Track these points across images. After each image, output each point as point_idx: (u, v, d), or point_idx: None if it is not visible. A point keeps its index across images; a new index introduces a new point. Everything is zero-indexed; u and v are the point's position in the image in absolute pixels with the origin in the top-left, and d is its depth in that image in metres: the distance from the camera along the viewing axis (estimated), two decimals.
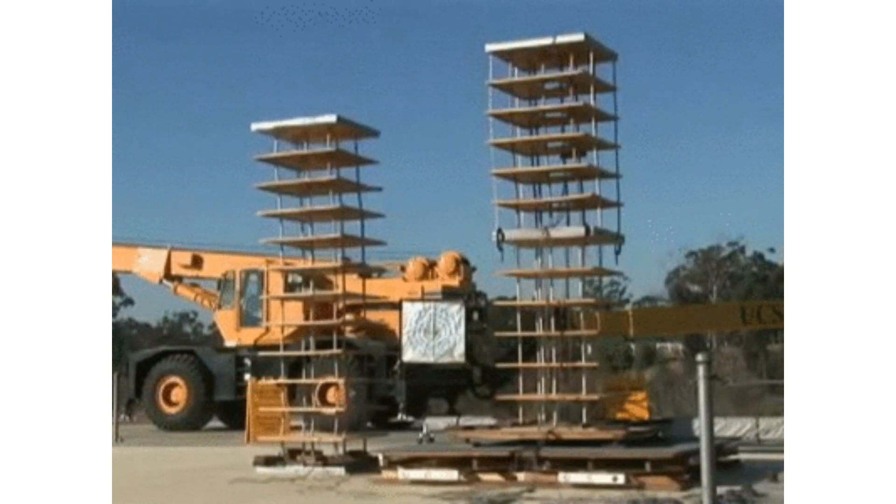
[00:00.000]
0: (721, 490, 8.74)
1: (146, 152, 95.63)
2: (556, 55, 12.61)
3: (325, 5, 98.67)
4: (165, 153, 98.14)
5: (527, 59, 12.81)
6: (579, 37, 12.27)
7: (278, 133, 14.07)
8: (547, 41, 12.41)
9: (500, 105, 12.88)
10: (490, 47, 12.64)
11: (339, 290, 14.65)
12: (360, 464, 13.58)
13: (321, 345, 14.51)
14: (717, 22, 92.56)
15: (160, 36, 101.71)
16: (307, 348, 14.62)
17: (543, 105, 12.90)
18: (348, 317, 23.43)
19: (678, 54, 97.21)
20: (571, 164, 12.75)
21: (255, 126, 14.03)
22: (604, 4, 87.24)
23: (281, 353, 14.89)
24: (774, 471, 11.48)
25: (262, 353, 21.64)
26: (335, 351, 14.15)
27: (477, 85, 12.84)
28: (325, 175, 13.95)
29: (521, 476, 11.65)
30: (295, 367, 16.35)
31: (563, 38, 12.35)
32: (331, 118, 13.63)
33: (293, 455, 13.81)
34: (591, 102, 12.59)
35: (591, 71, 12.55)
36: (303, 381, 15.42)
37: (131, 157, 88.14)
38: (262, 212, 14.31)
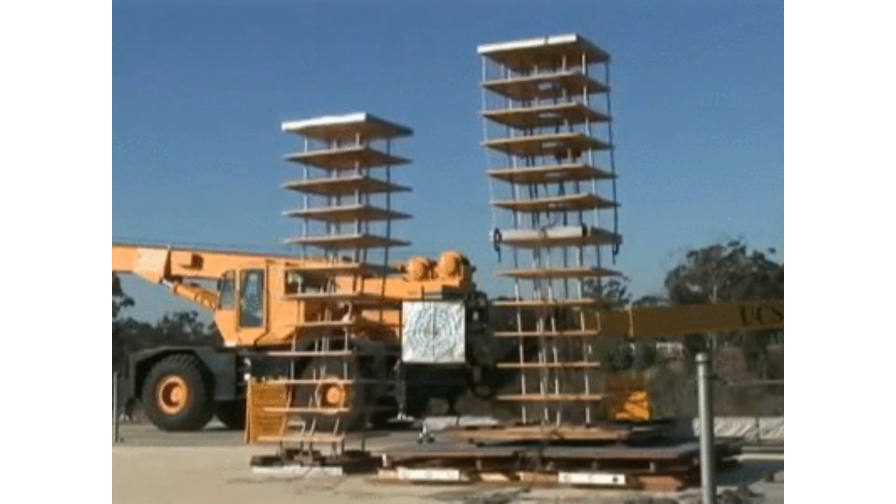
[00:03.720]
0: (717, 490, 8.73)
1: (146, 152, 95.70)
2: (548, 56, 12.63)
3: (326, 4, 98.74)
4: (166, 153, 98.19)
5: (520, 61, 12.83)
6: (571, 38, 12.30)
7: (307, 132, 14.05)
8: (539, 42, 12.43)
9: (493, 106, 12.89)
10: (482, 49, 12.65)
11: (348, 292, 14.64)
12: (358, 464, 13.58)
13: (327, 345, 14.48)
14: (715, 21, 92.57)
15: (160, 35, 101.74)
16: (308, 349, 14.61)
17: (537, 106, 12.90)
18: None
19: (677, 54, 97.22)
20: (567, 164, 12.75)
21: (284, 126, 14.03)
22: (598, 4, 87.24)
23: (282, 353, 14.88)
24: (772, 471, 11.48)
25: (277, 354, 21.66)
26: (344, 353, 14.15)
27: (476, 84, 12.86)
28: (352, 174, 13.89)
29: (524, 476, 11.65)
30: (295, 367, 16.34)
31: (555, 39, 12.37)
32: (359, 116, 13.55)
33: (291, 455, 13.81)
34: (584, 103, 12.61)
35: (583, 71, 12.56)
36: (304, 381, 15.41)
37: (131, 158, 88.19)
38: (288, 211, 14.26)
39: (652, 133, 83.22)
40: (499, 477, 11.77)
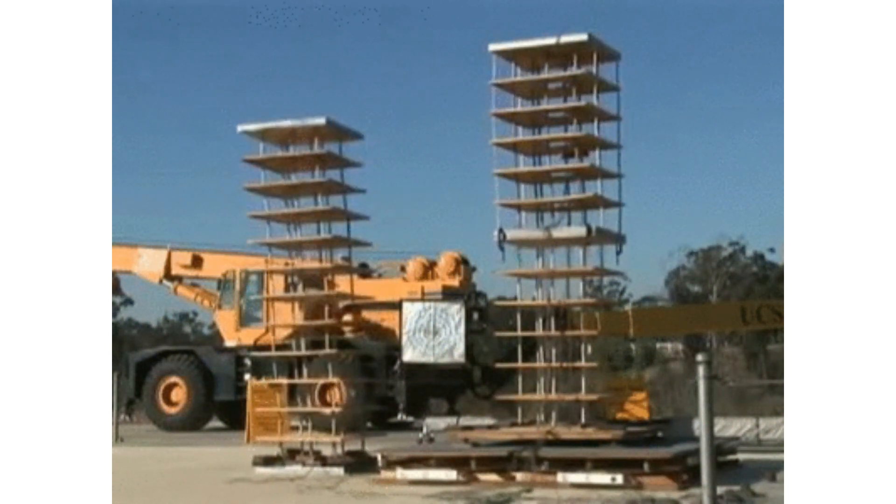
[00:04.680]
0: (719, 490, 8.73)
1: (146, 152, 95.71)
2: (559, 55, 12.58)
3: (326, 3, 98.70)
4: (165, 153, 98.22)
5: (530, 59, 12.77)
6: (583, 37, 12.24)
7: (263, 135, 14.10)
8: (550, 41, 12.38)
9: (502, 105, 12.86)
10: (493, 47, 12.60)
11: (338, 291, 14.70)
12: (360, 464, 13.59)
13: (319, 345, 14.51)
14: (715, 20, 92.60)
15: (161, 36, 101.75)
16: (306, 348, 14.62)
17: (546, 105, 12.88)
18: (348, 317, 23.35)
19: (676, 53, 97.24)
20: (573, 164, 12.73)
21: (240, 127, 14.10)
22: (606, 4, 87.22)
23: (278, 353, 14.89)
24: (773, 471, 11.48)
25: (260, 354, 21.65)
26: (330, 351, 14.18)
27: (479, 84, 12.85)
28: (311, 177, 14.00)
29: (519, 476, 11.66)
30: (288, 368, 16.34)
31: (566, 38, 12.32)
32: (318, 120, 13.69)
33: (292, 455, 13.82)
34: (594, 102, 12.58)
35: (594, 71, 12.52)
36: (302, 381, 15.42)
37: (131, 158, 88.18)
38: (251, 213, 14.36)
39: (652, 133, 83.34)
40: (494, 477, 11.77)
